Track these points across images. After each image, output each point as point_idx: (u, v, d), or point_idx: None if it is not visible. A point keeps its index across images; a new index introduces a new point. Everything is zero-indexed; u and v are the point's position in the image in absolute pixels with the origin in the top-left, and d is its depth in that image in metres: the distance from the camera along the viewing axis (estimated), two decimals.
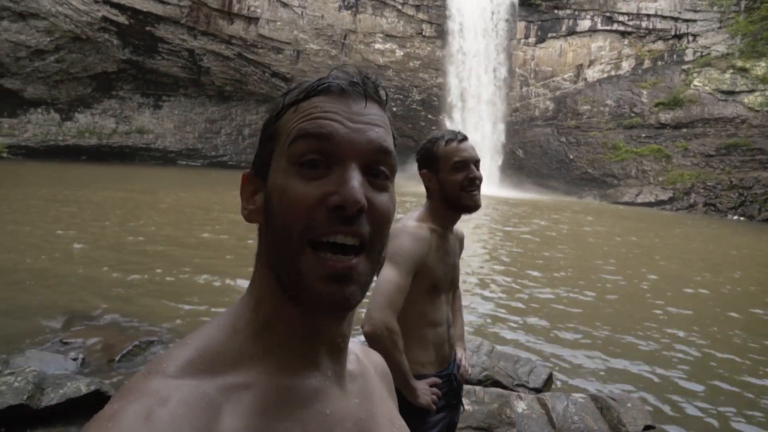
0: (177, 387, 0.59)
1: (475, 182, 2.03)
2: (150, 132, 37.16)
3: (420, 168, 2.11)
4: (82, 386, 4.04)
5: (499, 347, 5.44)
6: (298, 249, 0.65)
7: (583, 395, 4.41)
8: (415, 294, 1.98)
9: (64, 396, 3.91)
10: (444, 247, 2.08)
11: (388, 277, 1.88)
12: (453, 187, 2.02)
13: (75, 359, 4.87)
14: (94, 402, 3.93)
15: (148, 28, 33.30)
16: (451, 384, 2.12)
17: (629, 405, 4.32)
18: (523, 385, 4.90)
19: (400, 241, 1.95)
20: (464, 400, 4.03)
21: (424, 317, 2.03)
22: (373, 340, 1.81)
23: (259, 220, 0.72)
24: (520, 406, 4.15)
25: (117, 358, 5.07)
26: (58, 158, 32.81)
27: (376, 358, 0.95)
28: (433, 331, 2.06)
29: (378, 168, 0.70)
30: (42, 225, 11.58)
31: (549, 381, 5.08)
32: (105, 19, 32.13)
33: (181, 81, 36.83)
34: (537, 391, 4.83)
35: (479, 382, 4.72)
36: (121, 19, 32.43)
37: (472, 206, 2.05)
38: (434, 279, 2.02)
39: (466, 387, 4.21)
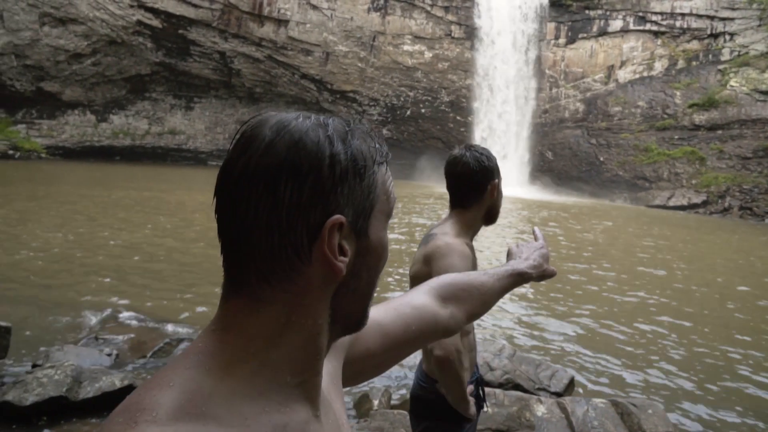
0: None
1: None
2: (182, 133, 37.89)
3: (490, 179, 2.12)
4: (117, 381, 4.23)
5: (520, 351, 5.47)
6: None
7: (603, 400, 4.43)
8: None
9: (99, 389, 4.09)
10: (475, 259, 2.15)
11: None
12: (501, 201, 2.19)
13: (109, 355, 5.07)
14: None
15: (180, 31, 33.96)
16: (477, 387, 2.21)
17: (650, 411, 4.32)
18: (544, 389, 4.94)
19: (452, 261, 1.97)
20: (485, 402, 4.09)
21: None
22: (446, 364, 1.87)
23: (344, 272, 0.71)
24: (540, 410, 4.19)
25: (149, 355, 5.26)
26: (93, 158, 33.71)
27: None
28: (466, 339, 2.13)
29: None
30: (78, 224, 11.96)
31: (570, 385, 5.10)
32: (139, 22, 32.89)
33: (212, 83, 37.46)
34: (558, 395, 4.86)
35: (500, 385, 4.78)
36: (155, 22, 33.15)
37: (495, 220, 2.23)
38: None
39: (486, 389, 4.27)
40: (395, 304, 1.12)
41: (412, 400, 2.22)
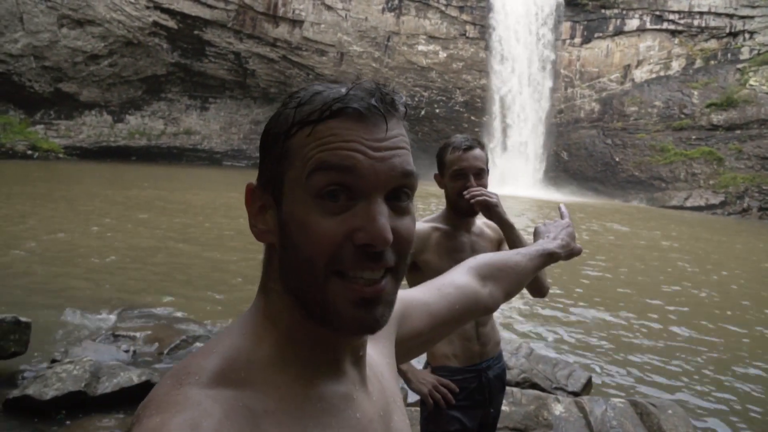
0: (216, 398, 0.58)
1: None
2: (197, 133, 38.14)
3: (437, 170, 2.25)
4: (134, 376, 4.26)
5: (538, 350, 5.43)
6: (324, 280, 0.65)
7: (622, 400, 4.38)
8: None
9: (117, 385, 4.12)
10: (451, 244, 2.18)
11: None
12: (452, 194, 2.17)
13: (127, 351, 5.11)
14: (145, 392, 4.13)
15: (196, 32, 34.21)
16: (481, 380, 2.17)
17: (670, 412, 4.26)
18: (561, 389, 4.89)
19: None
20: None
21: None
22: None
23: (271, 240, 0.71)
24: (558, 409, 4.15)
25: (166, 351, 5.29)
26: (109, 159, 34.05)
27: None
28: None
29: (401, 190, 0.68)
30: (96, 222, 12.08)
31: (588, 385, 5.06)
32: (155, 23, 33.18)
33: (227, 83, 37.67)
34: (575, 394, 4.81)
35: (517, 384, 4.74)
36: (171, 23, 33.42)
37: (469, 211, 2.16)
38: (439, 274, 2.07)
39: None
40: (438, 284, 1.12)
41: None
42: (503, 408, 4.02)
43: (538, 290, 2.20)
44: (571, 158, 37.92)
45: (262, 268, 0.74)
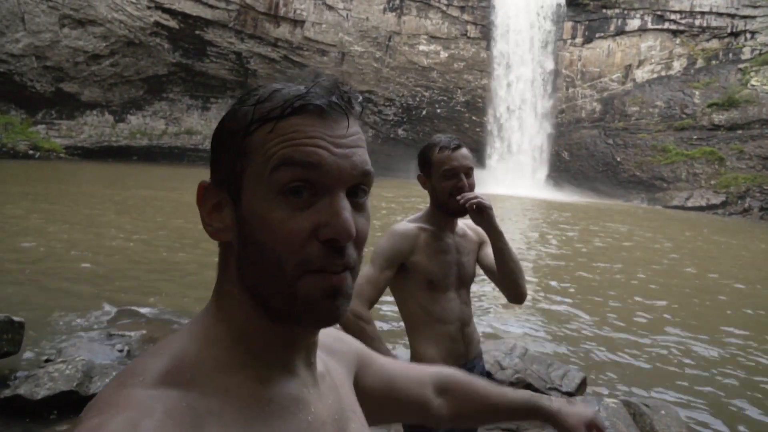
0: (159, 398, 0.58)
1: (462, 190, 2.10)
2: (198, 133, 38.20)
3: (419, 171, 2.20)
4: None
5: (532, 350, 5.42)
6: (292, 278, 0.64)
7: (615, 400, 4.37)
8: (412, 289, 2.14)
9: None
10: (438, 245, 2.16)
11: (362, 272, 2.04)
12: (442, 194, 2.12)
13: (121, 350, 5.11)
14: None
15: (197, 32, 34.26)
16: None
17: (663, 412, 4.25)
18: (555, 389, 4.88)
19: (381, 239, 2.13)
20: None
21: (429, 313, 2.14)
22: (340, 325, 1.95)
23: (228, 238, 0.70)
24: None
25: None
26: (111, 158, 34.12)
27: (332, 333, 0.95)
28: (441, 328, 2.14)
29: (359, 188, 0.69)
30: (94, 221, 12.10)
31: (582, 385, 5.04)
32: (157, 23, 33.25)
33: (228, 83, 37.71)
34: (569, 395, 4.80)
35: (511, 385, 4.72)
36: (172, 23, 33.48)
37: (460, 212, 2.12)
38: (428, 275, 2.12)
39: None
40: (402, 364, 1.13)
41: None
42: None
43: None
44: (572, 158, 37.89)
45: (218, 268, 0.73)
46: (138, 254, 9.44)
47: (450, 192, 2.09)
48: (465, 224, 2.31)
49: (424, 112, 39.13)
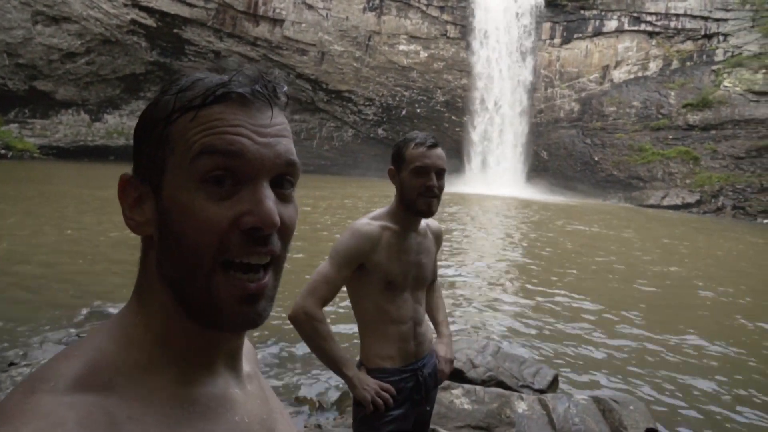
0: (72, 406, 0.53)
1: (432, 190, 2.05)
2: None
3: (391, 165, 2.14)
4: None
5: (505, 348, 5.46)
6: (209, 271, 0.62)
7: (585, 397, 4.41)
8: (369, 289, 2.09)
9: None
10: (400, 245, 2.12)
11: (319, 269, 2.07)
12: (410, 191, 2.06)
13: None
14: None
15: (175, 31, 33.90)
16: (417, 379, 2.17)
17: (632, 407, 4.30)
18: (527, 387, 4.91)
19: (342, 237, 2.09)
20: (463, 399, 4.07)
21: (383, 313, 2.10)
22: (293, 324, 2.01)
23: (149, 232, 0.67)
24: (521, 407, 4.17)
25: None
26: (87, 158, 33.61)
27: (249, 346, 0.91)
28: (395, 327, 2.12)
29: (284, 178, 0.68)
30: (67, 222, 11.91)
31: (554, 383, 5.08)
32: (134, 21, 32.83)
33: None
34: (541, 392, 4.84)
35: (483, 383, 4.75)
36: (149, 21, 33.09)
37: (425, 212, 2.08)
38: (387, 275, 2.08)
39: (466, 386, 4.26)
40: None
41: None
42: (465, 406, 4.05)
43: None
44: (551, 158, 38.24)
45: (139, 265, 0.70)
46: (111, 254, 9.31)
47: (418, 190, 2.04)
48: (427, 223, 2.29)
49: (403, 112, 39.19)
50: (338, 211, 17.61)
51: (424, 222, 2.25)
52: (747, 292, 10.17)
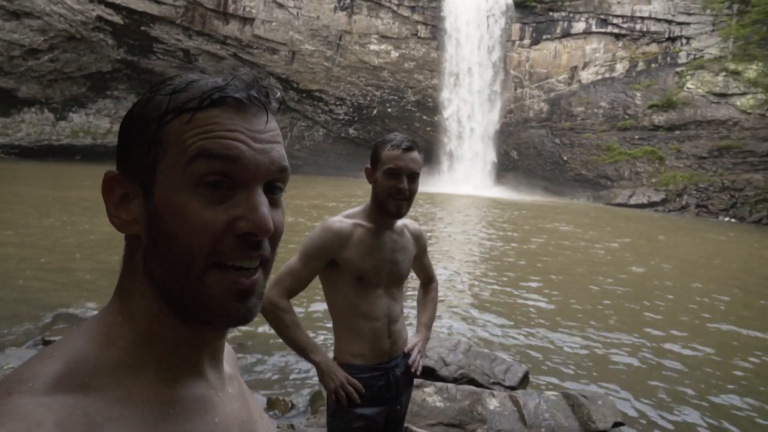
0: (50, 407, 0.53)
1: (402, 192, 2.07)
2: None
3: (371, 162, 2.16)
4: None
5: (476, 347, 5.51)
6: (202, 271, 0.63)
7: (555, 393, 4.49)
8: (341, 284, 2.13)
9: None
10: (373, 242, 2.14)
11: (288, 262, 2.12)
12: (382, 191, 2.09)
13: None
14: None
15: (143, 28, 33.29)
16: (389, 378, 2.18)
17: (600, 402, 4.39)
18: (498, 383, 4.97)
19: (312, 232, 2.13)
20: (435, 397, 4.11)
21: (355, 308, 2.12)
22: (262, 312, 2.03)
23: (136, 231, 0.66)
24: (492, 403, 4.22)
25: None
26: (52, 158, 32.78)
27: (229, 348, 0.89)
28: (367, 324, 2.13)
29: (275, 184, 0.69)
30: (30, 222, 11.62)
31: (525, 379, 5.16)
32: (100, 18, 32.12)
33: None
34: (512, 389, 4.90)
35: (455, 380, 4.79)
36: (116, 18, 32.43)
37: (394, 213, 2.11)
38: (358, 272, 2.11)
39: (438, 384, 4.29)
40: None
41: None
42: (437, 404, 4.08)
43: None
44: (520, 157, 38.70)
45: (122, 263, 0.70)
46: (80, 256, 9.12)
47: (389, 192, 2.07)
48: (405, 223, 2.31)
49: (375, 112, 39.21)
50: (307, 210, 17.54)
51: (401, 222, 2.27)
52: (711, 289, 10.46)
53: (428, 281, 2.55)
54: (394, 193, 2.07)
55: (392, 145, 2.08)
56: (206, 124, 0.63)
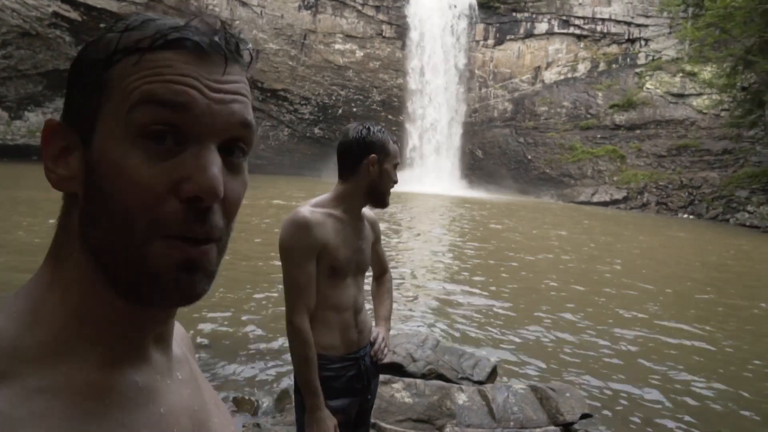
0: None
1: (393, 186, 2.20)
2: None
3: (368, 152, 2.10)
4: None
5: (444, 341, 5.49)
6: (142, 240, 0.53)
7: (523, 386, 4.49)
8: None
9: None
10: (345, 231, 2.11)
11: (294, 277, 1.99)
12: (387, 183, 2.14)
13: None
14: None
15: (102, 25, 32.28)
16: (359, 368, 2.14)
17: (567, 395, 4.41)
18: (467, 378, 4.96)
19: (290, 233, 2.00)
20: (404, 393, 4.06)
21: (325, 300, 2.07)
22: (291, 342, 1.99)
23: (73, 188, 0.57)
24: (461, 398, 4.20)
25: None
26: (6, 158, 31.68)
27: (182, 330, 0.76)
28: (336, 315, 2.09)
29: (236, 144, 0.58)
30: None
31: (493, 374, 5.15)
32: (56, 14, 31.18)
33: None
34: (481, 383, 4.89)
35: (423, 376, 4.75)
36: (74, 15, 31.53)
37: (386, 204, 2.19)
38: (333, 262, 2.06)
39: (406, 380, 4.25)
40: None
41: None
42: (406, 400, 4.03)
43: None
44: (485, 156, 39.09)
45: (56, 227, 0.60)
46: (31, 257, 8.79)
47: (392, 185, 2.16)
48: (363, 211, 2.27)
49: (340, 111, 39.07)
50: (269, 210, 17.33)
51: (362, 210, 2.24)
52: (672, 282, 10.70)
53: (382, 272, 2.51)
54: (392, 186, 2.16)
55: (393, 141, 2.16)
56: (156, 66, 0.54)
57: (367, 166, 2.10)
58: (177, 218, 0.53)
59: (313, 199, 2.16)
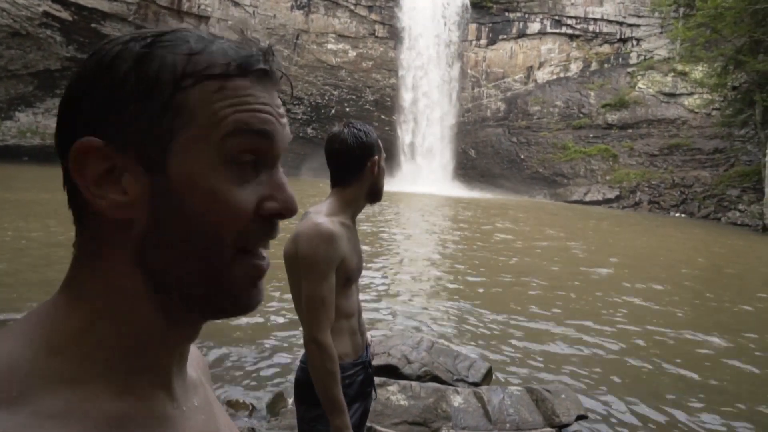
0: None
1: None
2: None
3: (369, 155, 2.07)
4: None
5: (439, 343, 5.48)
6: (230, 257, 0.56)
7: (519, 388, 4.49)
8: None
9: None
10: (353, 238, 2.09)
11: (321, 292, 1.89)
12: (383, 178, 2.17)
13: None
14: None
15: (93, 25, 32.24)
16: (366, 371, 2.15)
17: (563, 396, 4.42)
18: (462, 380, 4.95)
19: (315, 246, 1.91)
20: (399, 395, 4.05)
21: (339, 310, 2.02)
22: (312, 360, 1.89)
23: (132, 215, 0.54)
24: (457, 401, 4.19)
25: None
26: None
27: (197, 353, 0.76)
28: (347, 323, 2.09)
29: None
30: None
31: (488, 375, 5.15)
32: (46, 14, 30.95)
33: None
34: (476, 385, 4.89)
35: (418, 378, 4.74)
36: (65, 14, 31.30)
37: (382, 196, 2.21)
38: (348, 272, 2.03)
39: (402, 382, 4.24)
40: None
41: (296, 384, 2.15)
42: (401, 402, 4.02)
43: None
44: (478, 156, 39.15)
45: (79, 253, 0.57)
46: (28, 261, 8.72)
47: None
48: None
49: (333, 111, 39.03)
50: None
51: None
52: (666, 281, 10.74)
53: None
54: None
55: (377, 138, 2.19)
56: (239, 95, 0.56)
57: (371, 168, 2.08)
58: (258, 232, 0.57)
59: (320, 207, 2.08)
